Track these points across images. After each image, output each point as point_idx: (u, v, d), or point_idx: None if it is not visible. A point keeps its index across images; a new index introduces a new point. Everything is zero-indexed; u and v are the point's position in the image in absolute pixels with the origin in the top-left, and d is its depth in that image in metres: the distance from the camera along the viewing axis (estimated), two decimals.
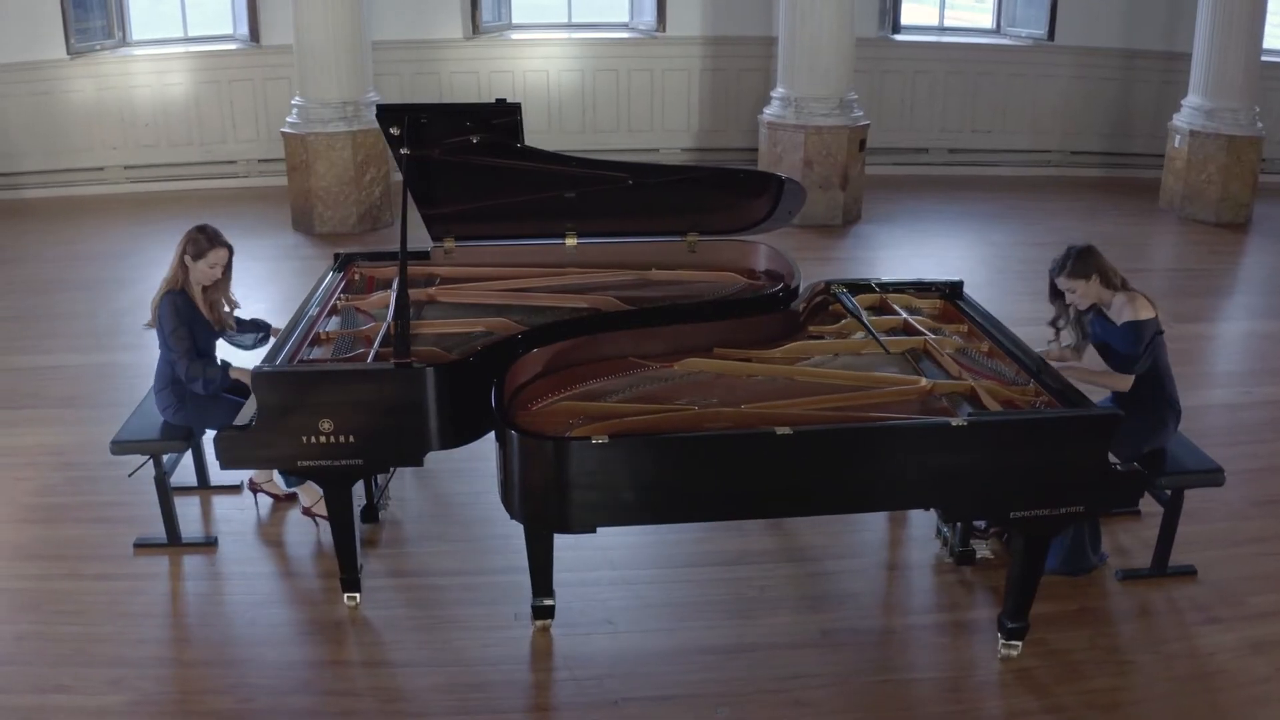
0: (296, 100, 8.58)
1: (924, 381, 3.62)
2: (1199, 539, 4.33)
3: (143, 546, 4.28)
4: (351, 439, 3.59)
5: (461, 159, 4.24)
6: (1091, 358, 4.20)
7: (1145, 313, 3.93)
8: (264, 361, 3.66)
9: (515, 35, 10.36)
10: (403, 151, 3.87)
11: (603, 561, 4.19)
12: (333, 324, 4.23)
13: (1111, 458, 3.38)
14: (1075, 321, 4.15)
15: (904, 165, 10.36)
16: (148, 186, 9.77)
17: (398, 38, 9.94)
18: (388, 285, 4.47)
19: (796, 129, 8.71)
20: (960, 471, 3.23)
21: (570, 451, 3.12)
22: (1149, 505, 4.15)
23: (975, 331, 4.15)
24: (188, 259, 4.03)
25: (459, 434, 3.71)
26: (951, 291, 4.47)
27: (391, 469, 4.47)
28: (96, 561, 4.20)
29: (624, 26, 10.59)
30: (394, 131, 3.88)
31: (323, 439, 3.58)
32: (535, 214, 4.68)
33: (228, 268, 4.12)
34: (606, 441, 3.09)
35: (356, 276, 4.69)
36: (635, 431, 3.26)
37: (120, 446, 4.13)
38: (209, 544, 4.32)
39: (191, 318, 4.06)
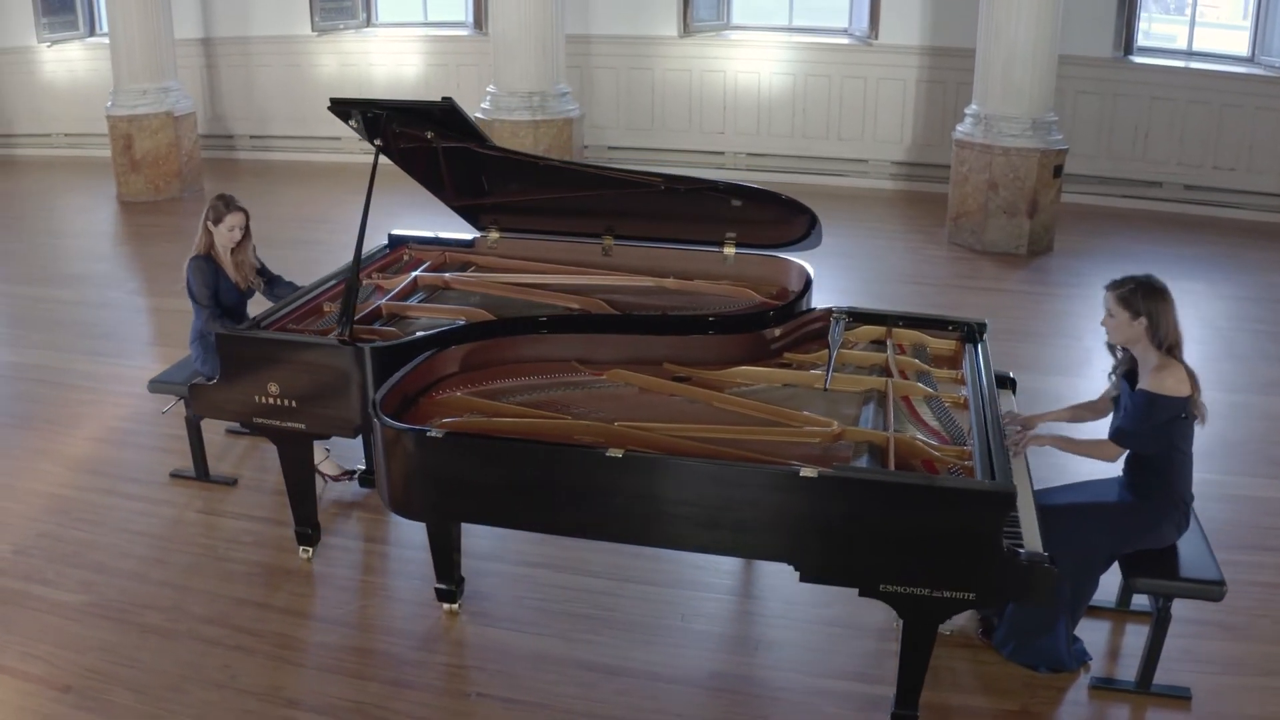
0: (490, 89, 9.11)
1: (835, 425, 3.36)
2: (1218, 659, 3.70)
3: (176, 477, 4.82)
4: (294, 404, 3.86)
5: (495, 154, 4.37)
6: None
7: (1171, 386, 3.38)
8: (241, 325, 4.01)
9: (729, 35, 10.35)
10: (376, 143, 4.07)
11: (554, 560, 4.21)
12: None
13: (1007, 539, 2.98)
14: (1122, 364, 3.64)
15: (1133, 199, 9.35)
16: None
17: (614, 33, 10.26)
18: (432, 267, 4.77)
19: (984, 149, 8.11)
20: (812, 527, 2.98)
21: (411, 441, 3.19)
22: (1186, 609, 3.65)
23: (964, 379, 3.78)
24: (210, 224, 4.48)
25: None
26: (970, 334, 4.08)
27: None
28: (132, 483, 4.78)
29: (843, 32, 10.29)
30: (353, 124, 4.08)
31: (270, 400, 3.88)
32: (575, 213, 4.73)
33: (246, 230, 4.53)
34: (440, 436, 3.14)
35: (405, 256, 4.99)
36: (496, 432, 3.28)
37: (156, 386, 4.68)
38: (230, 483, 4.79)
39: (215, 278, 4.50)
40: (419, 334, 3.89)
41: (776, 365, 3.94)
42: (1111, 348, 3.65)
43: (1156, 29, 9.49)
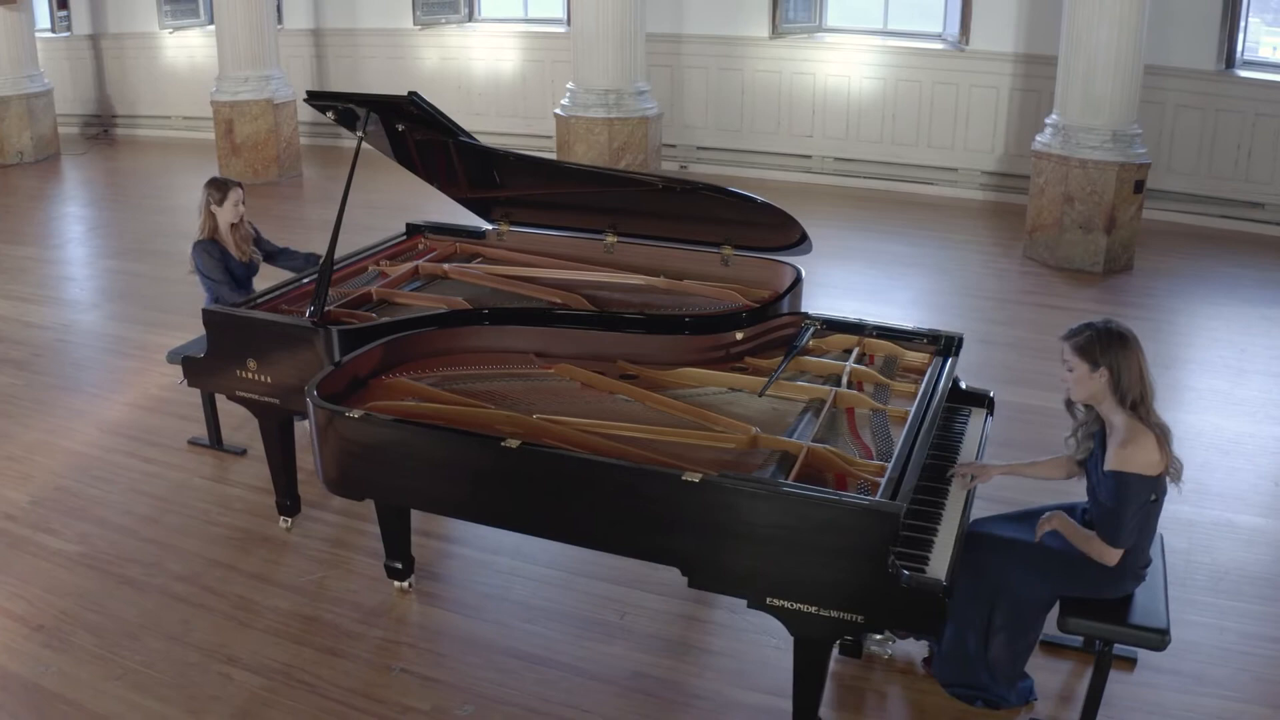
0: (570, 85, 9.26)
1: (752, 431, 3.33)
2: (1176, 711, 3.49)
3: (192, 444, 5.12)
4: (269, 379, 4.08)
5: (479, 149, 4.50)
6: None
7: (1141, 461, 3.10)
8: (231, 304, 4.26)
9: (821, 38, 10.21)
10: (359, 134, 4.23)
11: (518, 550, 4.29)
12: (354, 282, 4.72)
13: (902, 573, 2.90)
14: (1085, 426, 3.43)
15: (1232, 219, 8.79)
16: None
17: (705, 32, 10.27)
18: (438, 256, 4.96)
19: (1061, 160, 7.77)
20: (697, 532, 2.97)
21: (335, 421, 3.33)
22: (1162, 656, 3.47)
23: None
24: (214, 207, 4.76)
25: None
26: (945, 347, 3.97)
27: None
28: (153, 447, 5.11)
29: (936, 37, 10.01)
30: (331, 116, 4.25)
31: (249, 375, 4.11)
32: (581, 209, 4.81)
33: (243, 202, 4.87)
34: (356, 417, 3.26)
35: (420, 245, 5.17)
36: (418, 417, 3.40)
37: (173, 356, 4.98)
38: (239, 453, 5.06)
39: (224, 258, 4.78)
40: (384, 319, 4.05)
41: (733, 369, 3.93)
42: (1070, 406, 3.39)
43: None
